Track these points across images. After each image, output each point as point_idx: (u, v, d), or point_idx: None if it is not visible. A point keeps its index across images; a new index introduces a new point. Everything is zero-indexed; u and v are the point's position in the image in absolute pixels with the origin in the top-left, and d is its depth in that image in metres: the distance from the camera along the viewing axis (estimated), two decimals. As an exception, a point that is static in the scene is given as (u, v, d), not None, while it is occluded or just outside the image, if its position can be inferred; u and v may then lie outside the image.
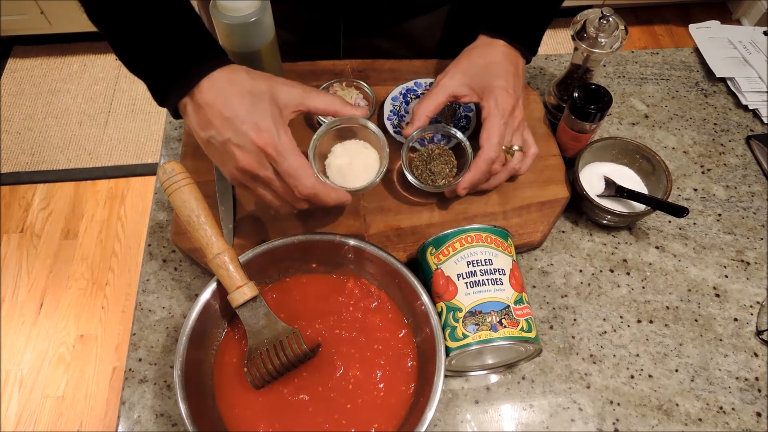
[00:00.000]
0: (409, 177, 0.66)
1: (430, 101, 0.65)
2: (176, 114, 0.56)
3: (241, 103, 0.51)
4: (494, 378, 0.61)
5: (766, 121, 0.83)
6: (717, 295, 0.67)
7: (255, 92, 0.52)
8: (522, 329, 0.54)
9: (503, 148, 0.64)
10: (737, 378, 0.62)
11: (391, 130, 0.73)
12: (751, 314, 0.66)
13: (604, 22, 0.68)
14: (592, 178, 0.72)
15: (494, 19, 0.68)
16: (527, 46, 0.67)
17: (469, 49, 0.68)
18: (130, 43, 0.54)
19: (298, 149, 0.53)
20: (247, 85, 0.52)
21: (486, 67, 0.65)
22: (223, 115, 0.51)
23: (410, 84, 0.78)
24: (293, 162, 0.52)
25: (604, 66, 0.88)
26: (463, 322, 0.54)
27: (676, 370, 0.62)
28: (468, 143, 0.66)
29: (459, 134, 0.67)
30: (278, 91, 0.54)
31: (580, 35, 0.69)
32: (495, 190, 0.71)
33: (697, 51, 0.91)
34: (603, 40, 0.68)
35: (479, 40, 0.67)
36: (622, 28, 0.68)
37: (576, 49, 0.71)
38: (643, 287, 0.68)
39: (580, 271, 0.69)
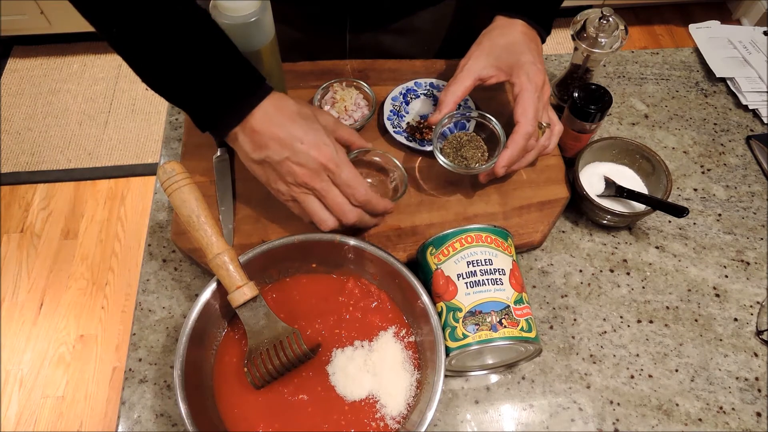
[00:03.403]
0: (442, 161, 0.65)
1: (458, 86, 0.64)
2: (222, 142, 0.59)
3: (294, 125, 0.56)
4: (494, 378, 0.61)
5: (766, 121, 0.83)
6: (717, 295, 0.67)
7: (303, 114, 0.57)
8: (522, 329, 0.54)
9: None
10: (737, 378, 0.62)
11: (391, 130, 0.73)
12: (751, 314, 0.66)
13: (604, 22, 0.68)
14: (592, 178, 0.72)
15: (511, 0, 0.68)
16: (543, 26, 0.68)
17: (488, 31, 0.67)
18: (168, 74, 0.56)
19: (351, 163, 0.58)
20: (294, 109, 0.57)
21: (509, 46, 0.65)
22: (279, 137, 0.55)
23: (410, 84, 0.78)
24: (350, 173, 0.57)
25: (604, 66, 0.88)
26: (463, 322, 0.54)
27: (676, 370, 0.62)
28: (500, 126, 0.66)
29: (491, 118, 0.66)
30: (319, 114, 0.60)
31: (580, 35, 0.69)
32: (495, 189, 0.71)
33: (697, 51, 0.91)
34: (603, 40, 0.68)
35: (497, 21, 0.67)
36: (622, 28, 0.68)
37: (576, 49, 0.71)
38: (643, 287, 0.68)
39: (580, 271, 0.69)
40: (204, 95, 0.56)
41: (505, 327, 0.54)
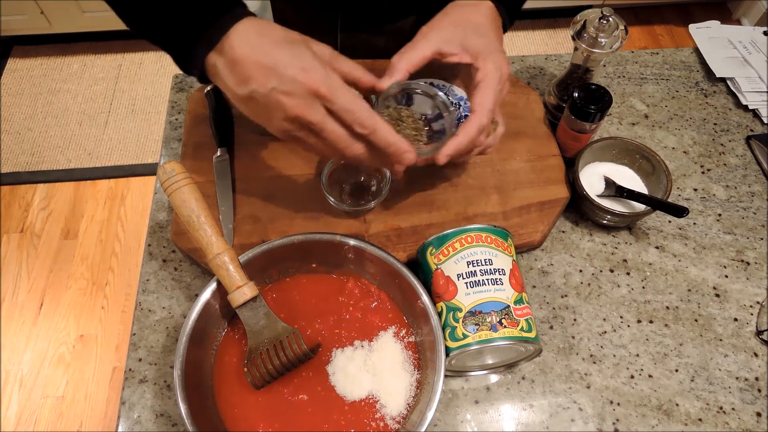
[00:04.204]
0: None
1: (415, 53, 0.57)
2: (203, 77, 0.52)
3: (280, 50, 0.48)
4: (494, 378, 0.61)
5: (766, 121, 0.83)
6: (717, 295, 0.67)
7: (290, 40, 0.50)
8: (522, 329, 0.54)
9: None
10: (737, 378, 0.62)
11: (391, 130, 0.73)
12: (751, 314, 0.66)
13: (604, 22, 0.68)
14: (592, 178, 0.72)
15: None
16: (509, 12, 0.63)
17: (456, 4, 0.61)
18: (143, 9, 0.52)
19: (349, 87, 0.50)
20: (280, 34, 0.50)
21: (478, 27, 0.59)
22: (263, 64, 0.48)
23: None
24: (348, 97, 0.49)
25: (604, 66, 0.88)
26: (463, 322, 0.54)
27: (676, 370, 0.62)
28: (454, 108, 0.59)
29: (442, 95, 0.59)
30: (311, 42, 0.52)
31: (580, 35, 0.69)
32: (495, 189, 0.71)
33: (697, 51, 0.91)
34: (603, 40, 0.68)
35: None
36: (622, 28, 0.68)
37: (576, 49, 0.71)
38: (643, 287, 0.68)
39: (580, 271, 0.69)
40: (177, 24, 0.50)
41: (505, 327, 0.54)
